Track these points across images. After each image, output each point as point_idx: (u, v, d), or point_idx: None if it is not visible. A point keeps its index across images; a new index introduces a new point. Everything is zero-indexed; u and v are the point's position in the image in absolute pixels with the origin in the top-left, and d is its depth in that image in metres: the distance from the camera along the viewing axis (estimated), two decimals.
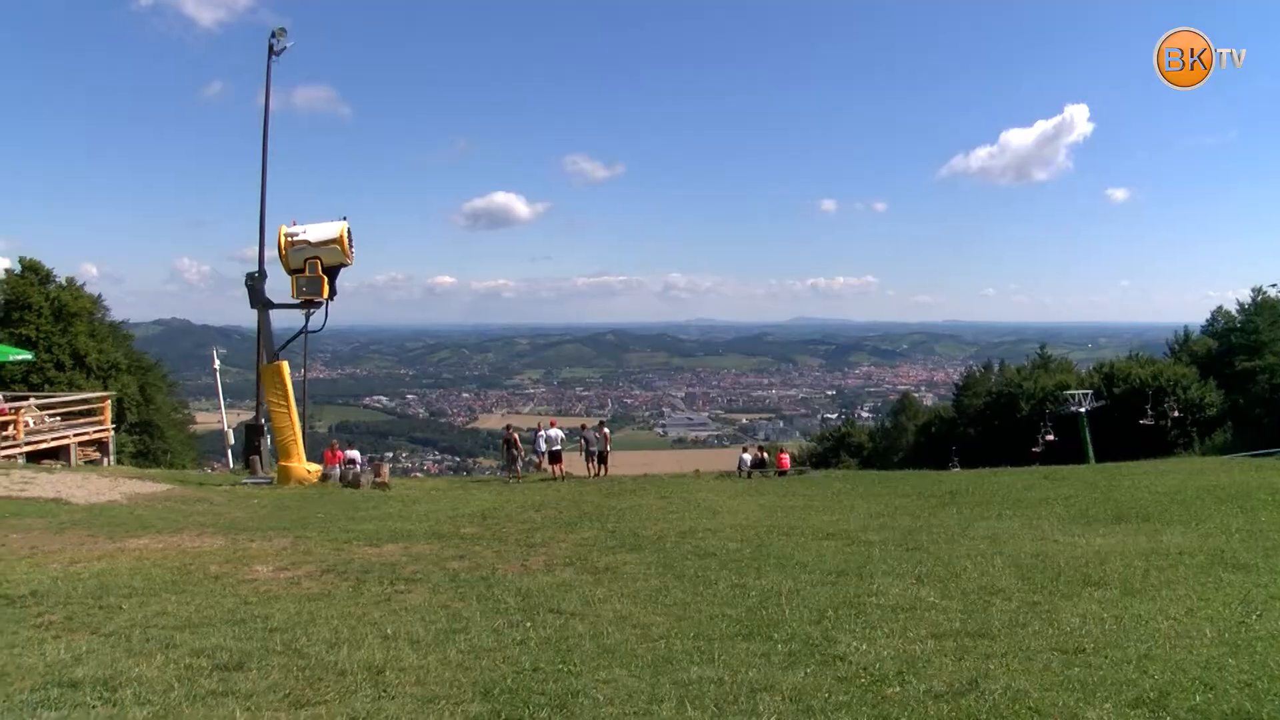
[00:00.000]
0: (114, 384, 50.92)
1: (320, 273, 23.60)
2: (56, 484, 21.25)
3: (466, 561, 11.57)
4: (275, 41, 28.20)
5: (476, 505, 19.42)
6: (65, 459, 28.10)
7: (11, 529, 14.91)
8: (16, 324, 55.36)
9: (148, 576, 10.38)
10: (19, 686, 6.27)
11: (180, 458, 57.13)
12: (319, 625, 8.04)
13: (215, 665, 6.76)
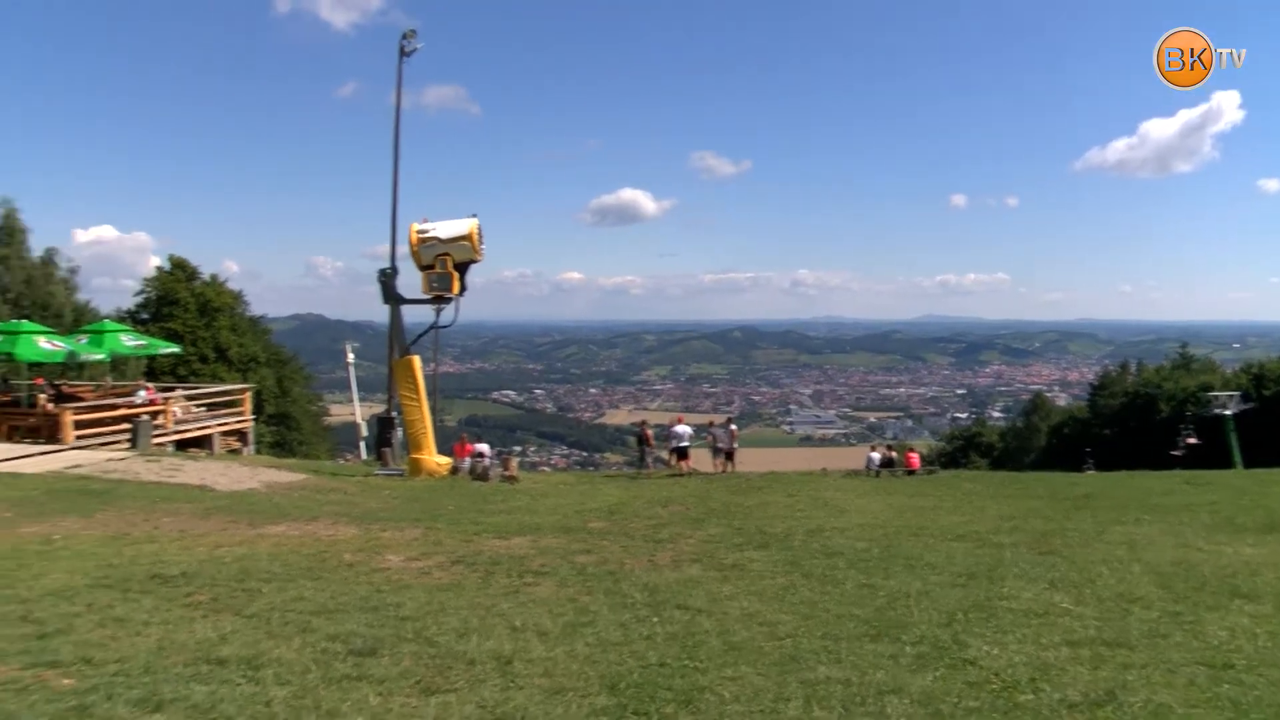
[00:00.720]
0: (253, 376, 52.61)
1: (451, 269, 24.00)
2: (201, 471, 22.05)
3: (594, 556, 11.63)
4: (406, 43, 28.76)
5: (604, 500, 19.53)
6: (209, 448, 29.13)
7: (163, 513, 15.58)
8: (166, 319, 57.62)
9: (286, 562, 10.69)
10: (174, 660, 6.53)
11: (315, 448, 58.75)
12: (449, 615, 8.17)
13: (349, 650, 6.92)
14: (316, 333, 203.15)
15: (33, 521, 14.79)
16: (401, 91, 29.00)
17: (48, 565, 10.49)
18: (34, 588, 9.07)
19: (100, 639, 7.11)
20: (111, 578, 9.56)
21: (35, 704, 5.64)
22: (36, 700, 5.70)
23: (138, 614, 7.97)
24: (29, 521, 14.78)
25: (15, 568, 10.30)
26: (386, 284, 25.27)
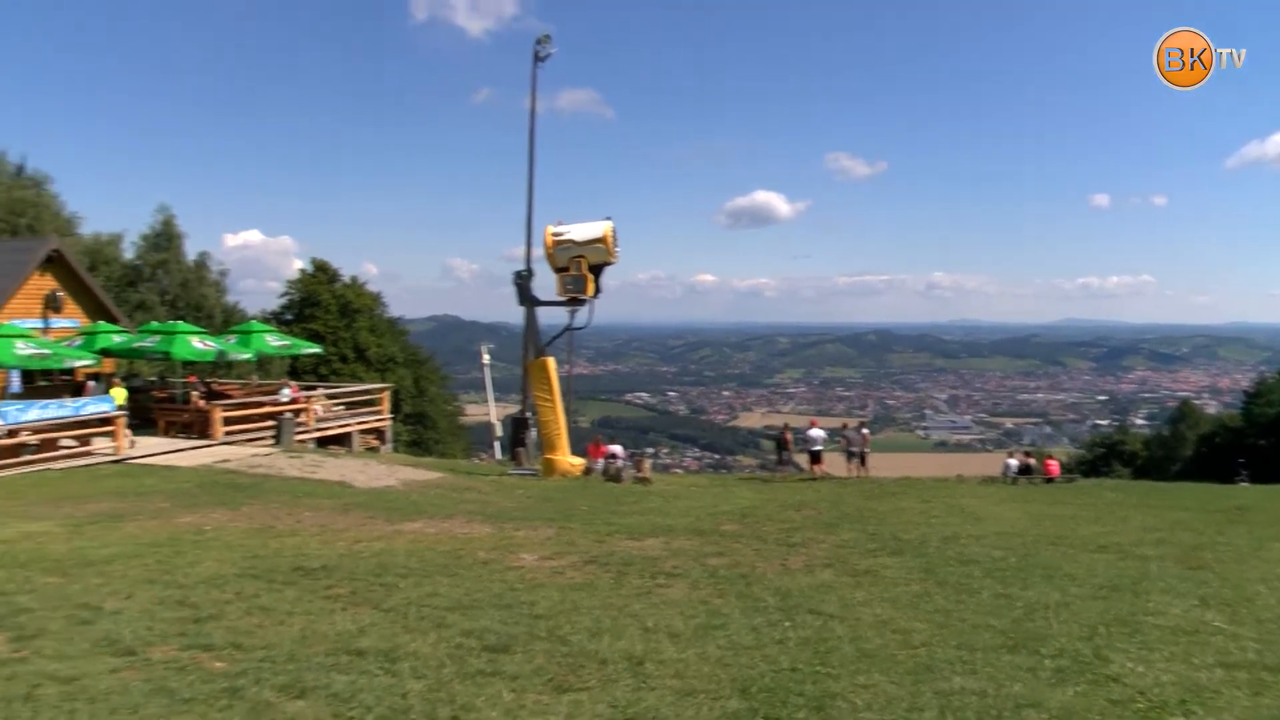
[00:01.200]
0: (391, 376, 53.81)
1: (585, 271, 24.20)
2: (341, 468, 22.66)
3: (726, 558, 11.61)
4: (540, 48, 29.05)
5: (736, 503, 19.47)
6: (349, 445, 29.89)
7: (305, 508, 16.07)
8: (308, 319, 59.34)
9: (422, 558, 10.92)
10: (315, 649, 6.75)
11: (450, 447, 59.77)
12: (581, 614, 8.24)
13: (484, 646, 7.04)
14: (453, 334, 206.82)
15: (187, 512, 15.43)
16: (536, 96, 29.35)
17: (201, 554, 10.94)
18: (189, 575, 9.48)
19: (248, 626, 7.38)
20: (258, 568, 9.92)
21: (193, 683, 5.89)
22: (194, 680, 5.96)
23: (282, 604, 8.24)
24: (183, 512, 15.43)
25: (173, 555, 10.79)
26: (522, 286, 25.60)
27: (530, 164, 29.18)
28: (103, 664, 6.27)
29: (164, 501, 17.22)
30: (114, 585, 8.99)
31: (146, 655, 6.51)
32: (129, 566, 10.10)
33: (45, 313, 32.90)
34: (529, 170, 29.18)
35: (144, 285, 56.74)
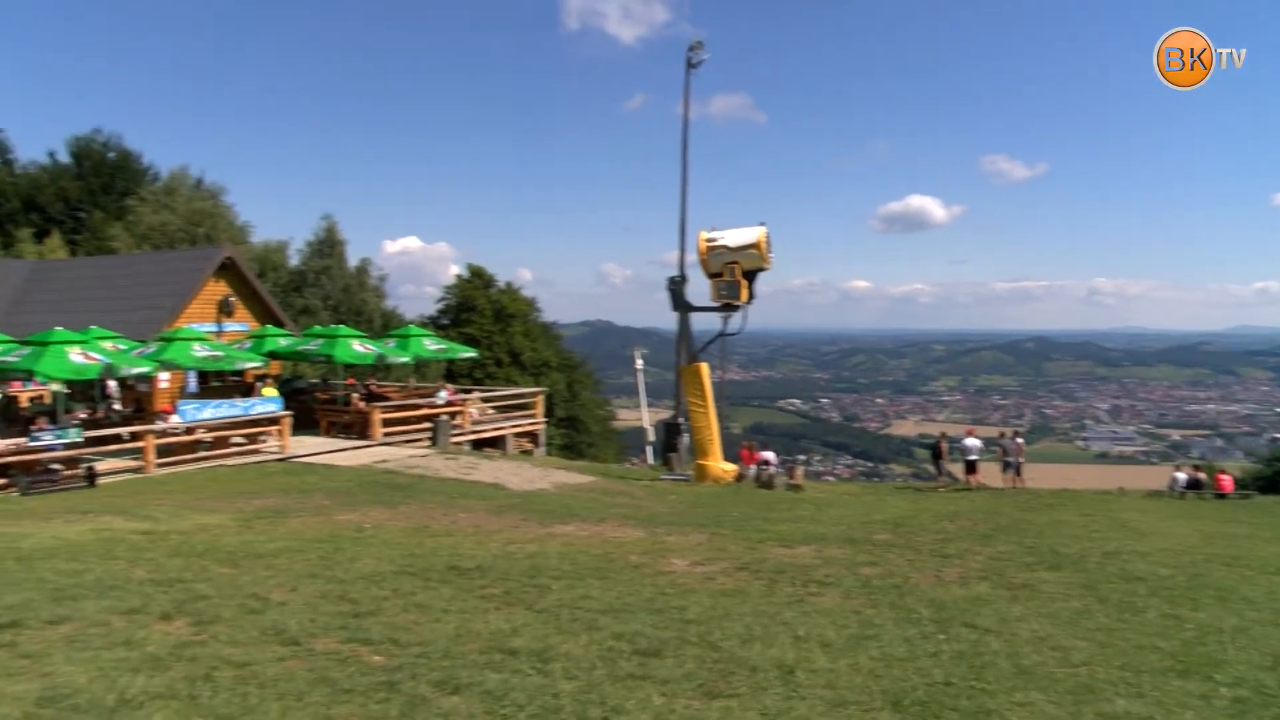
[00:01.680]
0: (545, 380, 54.56)
1: (739, 277, 24.16)
2: (495, 470, 23.08)
3: (879, 568, 11.41)
4: (692, 54, 29.09)
5: (890, 512, 19.16)
6: (503, 448, 30.42)
7: (460, 508, 16.42)
8: (464, 324, 60.69)
9: (574, 561, 11.03)
10: (469, 648, 6.87)
11: (602, 451, 60.30)
12: (732, 620, 8.20)
13: (634, 650, 7.06)
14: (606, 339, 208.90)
15: (347, 510, 15.92)
16: (689, 102, 29.40)
17: (360, 551, 11.27)
18: (349, 570, 9.77)
19: (405, 622, 7.56)
20: (414, 566, 10.16)
21: (352, 675, 6.07)
22: (353, 672, 6.13)
23: (437, 602, 8.42)
24: (343, 510, 15.92)
25: (333, 551, 11.14)
26: (676, 291, 25.71)
27: (683, 169, 29.27)
28: (271, 652, 6.51)
29: (325, 499, 17.81)
30: (280, 578, 9.33)
31: (310, 646, 6.73)
32: (293, 560, 10.47)
33: (219, 317, 34.41)
34: (682, 176, 29.27)
35: (308, 290, 58.84)
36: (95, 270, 42.76)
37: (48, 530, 13.00)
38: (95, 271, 42.16)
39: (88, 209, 66.97)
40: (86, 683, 5.62)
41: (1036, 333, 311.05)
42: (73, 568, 9.79)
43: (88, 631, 6.95)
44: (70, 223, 66.54)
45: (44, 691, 5.45)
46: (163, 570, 9.66)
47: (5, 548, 11.15)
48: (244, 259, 39.87)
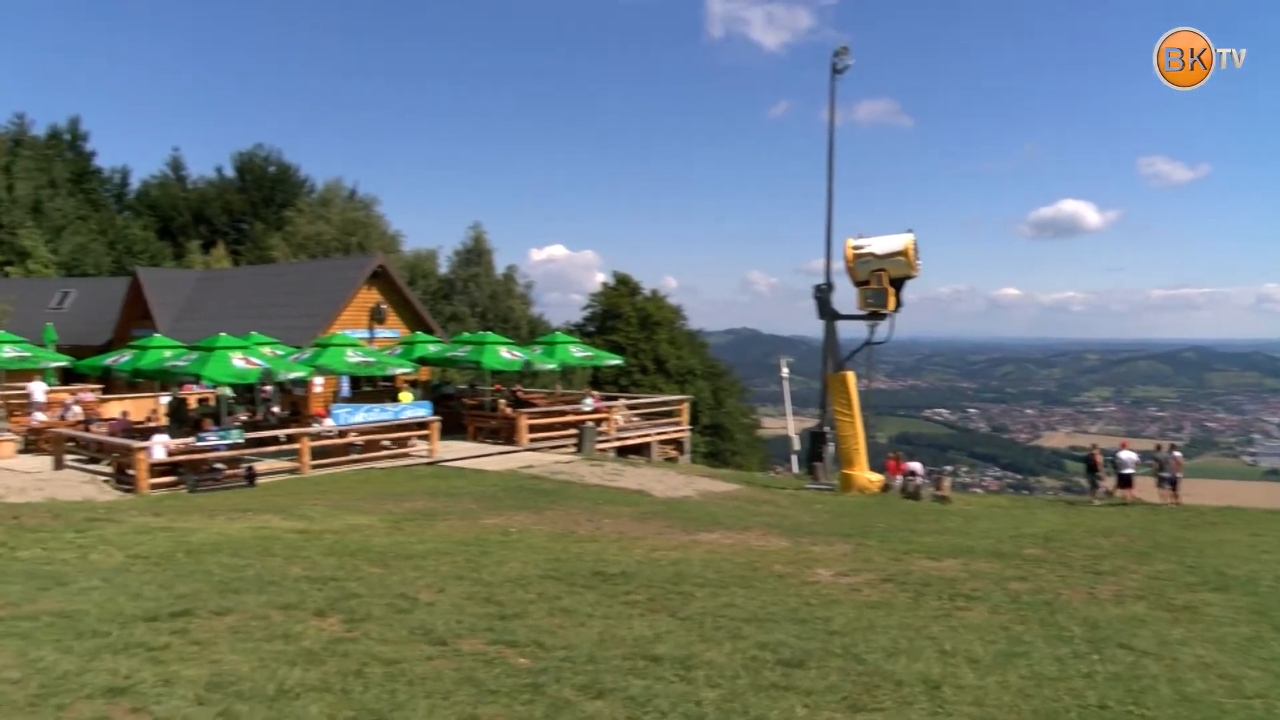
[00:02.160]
0: (690, 388, 54.69)
1: (886, 284, 23.82)
2: (640, 477, 23.20)
3: (1029, 584, 11.09)
4: (837, 60, 28.80)
5: (1040, 526, 18.62)
6: (647, 455, 30.52)
7: (604, 514, 16.55)
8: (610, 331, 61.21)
9: (718, 569, 11.01)
10: (613, 653, 6.91)
11: (747, 460, 60.07)
12: (877, 633, 8.08)
13: (778, 660, 7.01)
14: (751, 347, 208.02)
15: (493, 514, 16.19)
16: (835, 108, 29.13)
17: (506, 554, 11.45)
18: (495, 574, 9.94)
19: (550, 626, 7.65)
20: (559, 571, 10.27)
21: (498, 676, 6.17)
22: (499, 673, 6.23)
23: (582, 606, 8.50)
24: (490, 514, 16.20)
25: (480, 554, 11.34)
26: (822, 299, 25.49)
27: (829, 176, 29.02)
28: (419, 651, 6.66)
29: (472, 503, 18.15)
30: (428, 579, 9.54)
31: (457, 646, 6.86)
32: (441, 562, 10.70)
33: (371, 323, 35.40)
34: (828, 183, 29.03)
35: (456, 298, 60.10)
36: (256, 279, 44.50)
37: (212, 526, 13.57)
38: (256, 280, 43.87)
39: (250, 220, 69.91)
40: (249, 671, 5.84)
41: (1196, 342, 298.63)
42: (235, 562, 10.20)
43: (249, 623, 7.23)
44: (234, 234, 69.56)
45: (212, 677, 5.69)
46: (317, 568, 9.98)
47: (177, 541, 11.68)
48: (395, 267, 40.98)
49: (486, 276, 61.71)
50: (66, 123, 72.55)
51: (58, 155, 67.85)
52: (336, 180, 69.44)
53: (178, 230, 68.82)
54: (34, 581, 8.49)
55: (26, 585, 8.27)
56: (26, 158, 62.74)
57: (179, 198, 72.72)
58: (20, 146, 64.67)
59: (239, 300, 40.30)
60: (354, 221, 61.53)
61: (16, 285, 49.79)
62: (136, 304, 42.47)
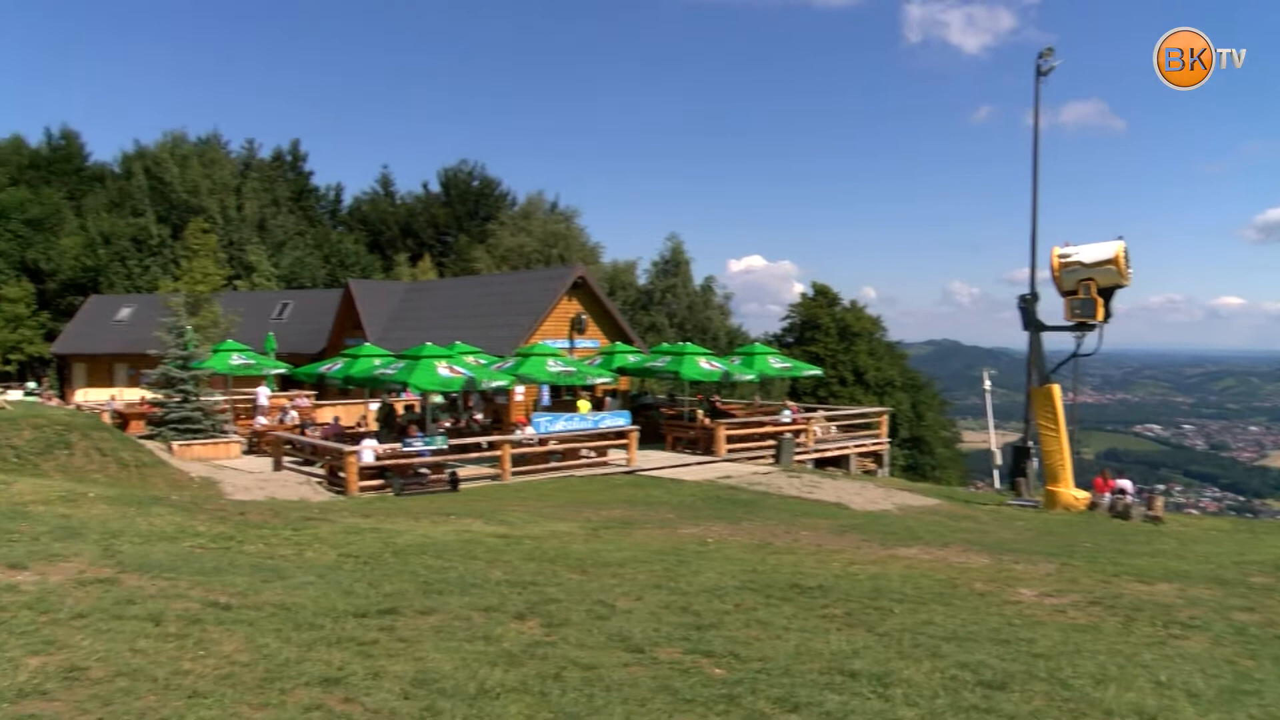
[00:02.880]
0: (889, 400, 53.89)
1: (1095, 294, 22.91)
2: (838, 489, 22.95)
3: (1257, 614, 10.39)
4: (1043, 62, 27.91)
5: (1268, 552, 17.47)
6: (845, 467, 30.18)
7: (801, 526, 16.42)
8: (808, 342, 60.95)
9: (916, 585, 10.77)
10: (809, 666, 6.84)
11: (946, 474, 58.86)
12: (1084, 658, 7.75)
13: (979, 681, 6.80)
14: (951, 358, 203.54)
15: (690, 524, 16.27)
16: (1039, 112, 28.20)
17: (703, 565, 11.47)
18: (692, 583, 9.97)
19: (746, 637, 7.63)
20: (756, 582, 10.23)
21: (694, 685, 6.18)
22: (694, 683, 6.24)
23: (778, 619, 8.44)
24: (687, 524, 16.28)
25: (677, 564, 11.40)
26: (1027, 310, 24.70)
27: (1034, 183, 28.13)
28: (616, 657, 6.73)
29: (669, 512, 18.28)
30: (625, 586, 9.64)
31: (654, 654, 6.91)
32: (638, 570, 10.79)
33: (571, 334, 36.08)
34: (1033, 189, 28.14)
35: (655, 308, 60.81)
36: (460, 290, 46.00)
37: (418, 529, 14.06)
38: (460, 291, 45.33)
39: (454, 234, 72.54)
40: (451, 670, 6.02)
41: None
42: (439, 564, 10.54)
43: (452, 623, 7.45)
44: (439, 246, 72.28)
45: (417, 674, 5.89)
46: (517, 573, 10.21)
47: (384, 542, 12.15)
48: (595, 278, 41.68)
49: (684, 287, 62.24)
50: (288, 145, 76.97)
51: (280, 176, 72.02)
52: (538, 193, 71.32)
53: (387, 243, 72.00)
54: (258, 574, 8.96)
55: (251, 577, 8.74)
56: (254, 179, 66.75)
57: (388, 213, 76.07)
58: (249, 169, 68.84)
59: (444, 310, 41.68)
60: (555, 234, 63.04)
61: (244, 298, 52.93)
62: (348, 314, 44.44)
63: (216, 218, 59.99)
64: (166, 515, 13.31)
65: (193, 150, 66.68)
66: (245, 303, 50.87)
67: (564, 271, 40.12)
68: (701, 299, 62.65)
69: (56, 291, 61.55)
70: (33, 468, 19.18)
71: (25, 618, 6.54)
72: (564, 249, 61.34)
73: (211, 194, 62.02)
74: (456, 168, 77.13)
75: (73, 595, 7.34)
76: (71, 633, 6.26)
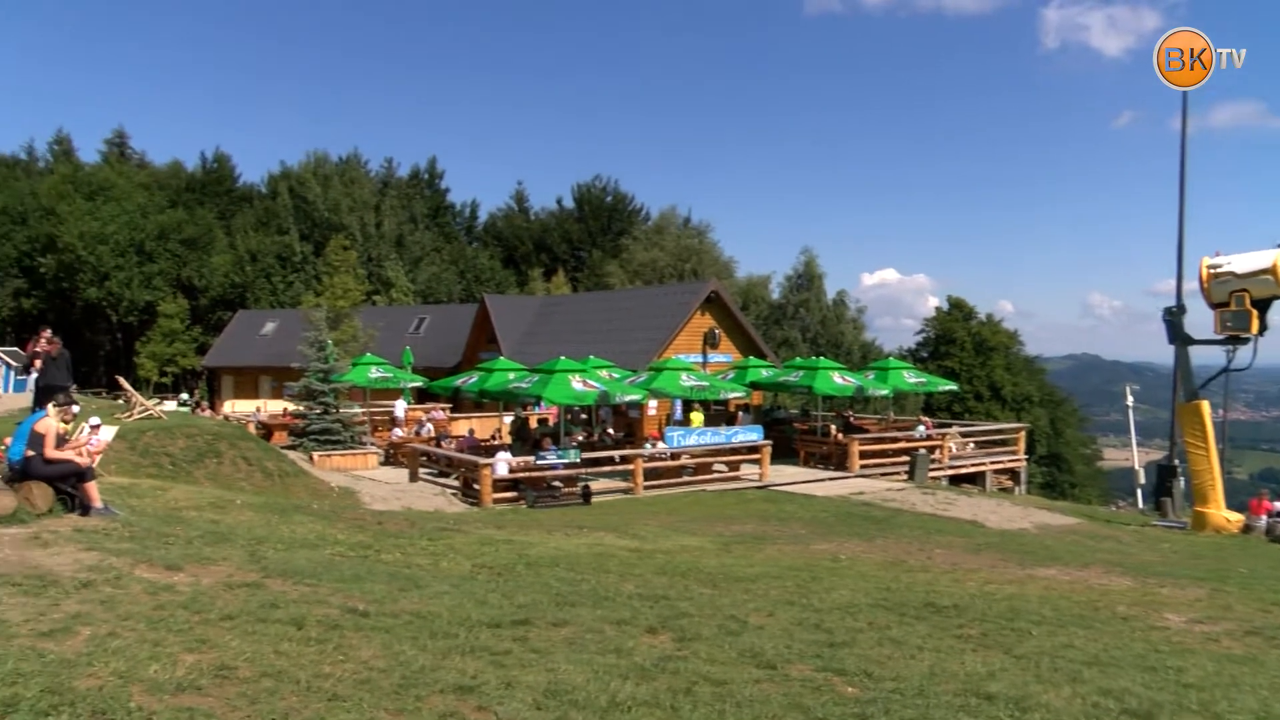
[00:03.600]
0: (1026, 416, 52.68)
1: (1248, 306, 22.02)
2: (973, 507, 22.50)
3: None
4: None
5: None
6: (981, 484, 29.57)
7: (935, 545, 16.14)
8: (943, 357, 59.99)
9: (1056, 607, 10.46)
10: (943, 688, 6.68)
11: (1086, 492, 57.27)
12: (1242, 691, 7.35)
13: (1123, 709, 6.55)
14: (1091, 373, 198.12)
15: (822, 540, 16.12)
16: (1187, 114, 27.23)
17: (835, 581, 11.35)
18: (824, 600, 9.87)
19: (878, 656, 7.50)
20: (889, 600, 10.08)
21: (825, 704, 6.10)
22: (826, 701, 6.16)
23: (912, 638, 8.29)
24: (819, 540, 16.14)
25: (809, 580, 11.30)
26: (1173, 323, 23.86)
27: (1181, 189, 27.13)
28: (747, 673, 6.69)
29: (802, 528, 18.13)
30: (757, 602, 9.58)
31: (785, 671, 6.84)
32: (770, 586, 10.73)
33: (704, 348, 36.10)
34: (1180, 196, 27.14)
35: (788, 323, 60.63)
36: (593, 304, 46.41)
37: (550, 541, 14.22)
38: (593, 305, 45.74)
39: (587, 248, 73.41)
40: (583, 682, 6.05)
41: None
42: (571, 576, 10.63)
43: (584, 636, 7.50)
44: (573, 261, 73.24)
45: (549, 685, 5.94)
46: (649, 586, 10.23)
47: (517, 554, 12.32)
48: (728, 293, 41.64)
49: (818, 302, 61.92)
50: (426, 163, 79.02)
51: (418, 193, 73.95)
52: (671, 208, 71.88)
53: (521, 258, 73.23)
54: (395, 583, 9.16)
55: (389, 585, 8.93)
56: (393, 197, 68.65)
57: (523, 228, 77.38)
58: (388, 187, 70.85)
59: (577, 325, 42.12)
60: (688, 248, 63.27)
61: (383, 312, 54.34)
62: (483, 328, 45.21)
63: (356, 235, 61.84)
64: (308, 523, 13.71)
65: (334, 170, 68.98)
66: (384, 317, 52.21)
67: (697, 286, 40.19)
68: (835, 313, 62.25)
69: (207, 307, 64.40)
70: (186, 474, 19.94)
71: (181, 617, 6.80)
72: (697, 263, 61.54)
73: (352, 212, 63.99)
74: (590, 183, 78.25)
75: (222, 597, 7.61)
76: (221, 633, 6.49)
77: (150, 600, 7.27)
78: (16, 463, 10.83)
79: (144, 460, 19.96)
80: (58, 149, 78.50)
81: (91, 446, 13.41)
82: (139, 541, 9.67)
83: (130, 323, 63.96)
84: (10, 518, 9.84)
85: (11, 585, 7.28)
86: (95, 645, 5.84)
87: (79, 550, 8.90)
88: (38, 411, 12.56)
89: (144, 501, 13.26)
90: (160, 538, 10.15)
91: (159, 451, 20.69)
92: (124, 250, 61.35)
